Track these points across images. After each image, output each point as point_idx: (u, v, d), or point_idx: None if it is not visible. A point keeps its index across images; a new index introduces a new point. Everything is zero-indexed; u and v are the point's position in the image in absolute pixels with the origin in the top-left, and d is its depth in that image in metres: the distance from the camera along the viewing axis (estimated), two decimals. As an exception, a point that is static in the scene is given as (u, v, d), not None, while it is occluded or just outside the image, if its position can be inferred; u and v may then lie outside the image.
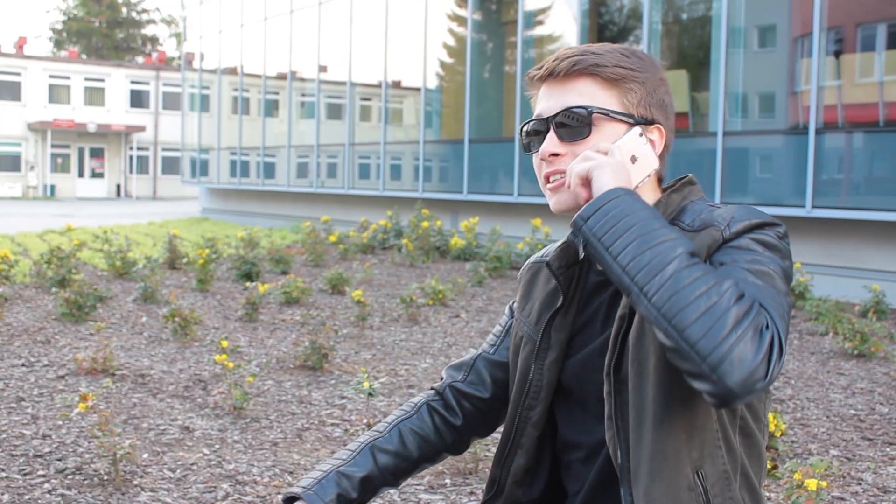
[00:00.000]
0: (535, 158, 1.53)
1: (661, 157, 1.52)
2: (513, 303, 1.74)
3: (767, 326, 1.25)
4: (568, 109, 1.47)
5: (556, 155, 1.49)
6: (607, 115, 1.46)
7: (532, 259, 1.73)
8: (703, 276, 1.26)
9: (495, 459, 1.66)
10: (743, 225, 1.39)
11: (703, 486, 1.39)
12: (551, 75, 1.50)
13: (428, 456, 1.71)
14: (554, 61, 1.50)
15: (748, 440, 1.46)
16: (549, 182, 1.51)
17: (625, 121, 1.47)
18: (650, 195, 1.51)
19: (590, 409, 1.53)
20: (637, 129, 1.47)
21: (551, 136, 1.49)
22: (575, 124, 1.47)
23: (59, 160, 41.44)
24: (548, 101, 1.51)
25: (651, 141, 1.50)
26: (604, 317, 1.53)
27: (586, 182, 1.40)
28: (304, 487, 1.57)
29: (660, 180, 1.56)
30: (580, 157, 1.42)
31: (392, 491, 3.68)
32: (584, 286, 1.58)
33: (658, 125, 1.51)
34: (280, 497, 1.61)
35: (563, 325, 1.58)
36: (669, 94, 1.55)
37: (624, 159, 1.43)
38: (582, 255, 1.38)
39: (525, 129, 1.55)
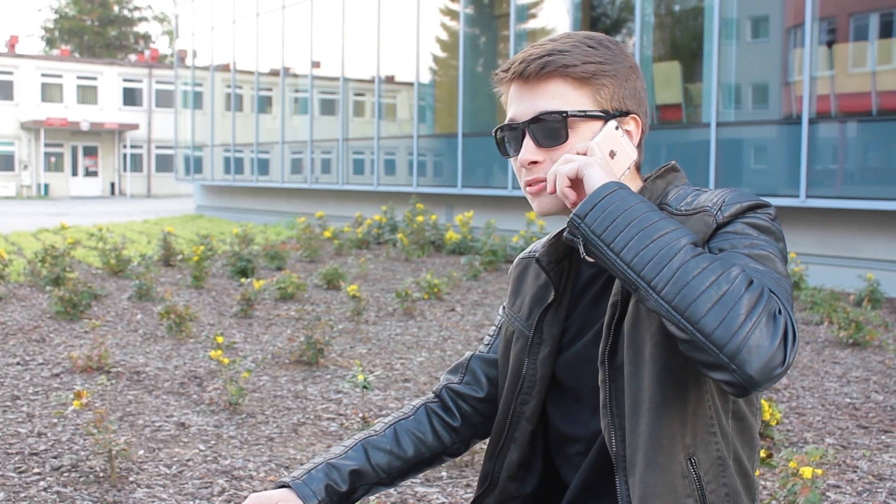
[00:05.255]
0: (514, 162, 1.51)
1: (638, 145, 1.50)
2: (506, 301, 1.73)
3: (780, 311, 1.23)
4: (543, 115, 1.45)
5: (534, 162, 1.47)
6: (583, 116, 1.44)
7: (521, 255, 1.73)
8: (711, 266, 1.24)
9: (487, 454, 1.65)
10: (735, 208, 1.37)
11: (696, 473, 1.38)
12: (520, 77, 1.47)
13: (425, 457, 1.70)
14: (521, 63, 1.46)
15: (741, 424, 1.45)
16: (530, 186, 1.49)
17: (600, 117, 1.45)
18: (632, 185, 1.50)
19: (584, 402, 1.53)
20: (613, 124, 1.45)
21: (528, 144, 1.46)
22: (551, 129, 1.44)
23: (53, 159, 41.37)
24: (520, 105, 1.48)
25: (628, 132, 1.48)
26: (596, 308, 1.52)
27: (576, 182, 1.38)
28: (293, 477, 1.57)
29: (638, 167, 1.54)
30: (561, 160, 1.40)
31: (388, 484, 3.68)
32: (575, 280, 1.57)
33: (633, 115, 1.49)
34: (271, 487, 1.61)
35: (556, 319, 1.57)
36: (641, 79, 1.52)
37: (604, 156, 1.42)
38: (584, 254, 1.34)
39: (499, 133, 1.52)
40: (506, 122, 1.51)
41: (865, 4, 10.18)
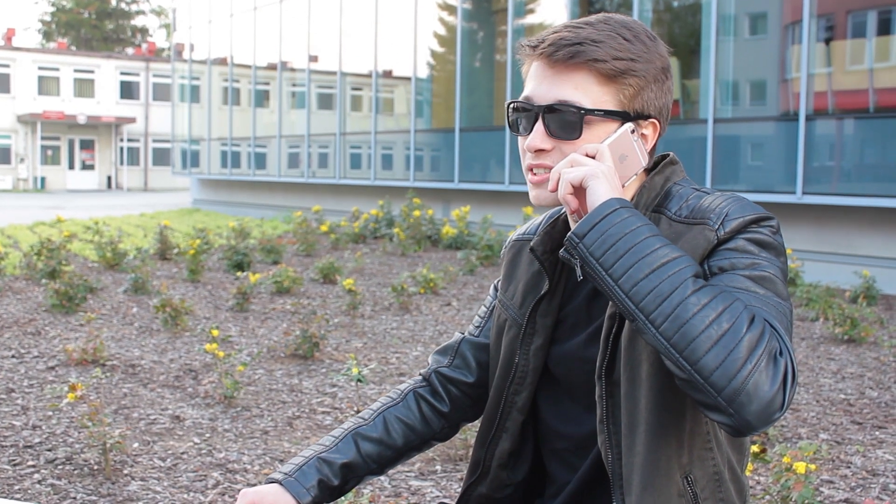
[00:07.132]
0: (521, 141, 1.45)
1: (651, 149, 1.45)
2: (497, 281, 1.69)
3: (781, 353, 1.21)
4: (560, 104, 1.38)
5: (542, 150, 1.41)
6: (601, 116, 1.38)
7: (514, 236, 1.68)
8: (712, 302, 1.21)
9: (478, 441, 1.63)
10: (737, 223, 1.32)
11: (692, 491, 1.37)
12: (548, 58, 1.40)
13: (414, 444, 1.67)
14: (551, 45, 1.38)
15: None
16: (532, 173, 1.43)
17: (618, 118, 1.39)
18: (636, 186, 1.45)
19: (577, 399, 1.50)
20: (629, 127, 1.39)
21: (539, 130, 1.40)
22: (566, 121, 1.38)
23: (50, 152, 41.25)
24: (539, 85, 1.41)
25: (643, 136, 1.42)
26: (591, 307, 1.49)
27: (579, 191, 1.33)
28: (285, 474, 1.54)
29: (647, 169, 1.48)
30: (568, 160, 1.34)
31: (382, 478, 3.69)
32: (570, 270, 1.52)
33: (653, 120, 1.43)
34: (262, 482, 1.60)
35: (549, 310, 1.53)
36: (670, 80, 1.44)
37: (613, 160, 1.36)
38: (580, 276, 1.30)
39: (513, 106, 1.46)
40: (522, 97, 1.45)
41: (863, 1, 10.17)
